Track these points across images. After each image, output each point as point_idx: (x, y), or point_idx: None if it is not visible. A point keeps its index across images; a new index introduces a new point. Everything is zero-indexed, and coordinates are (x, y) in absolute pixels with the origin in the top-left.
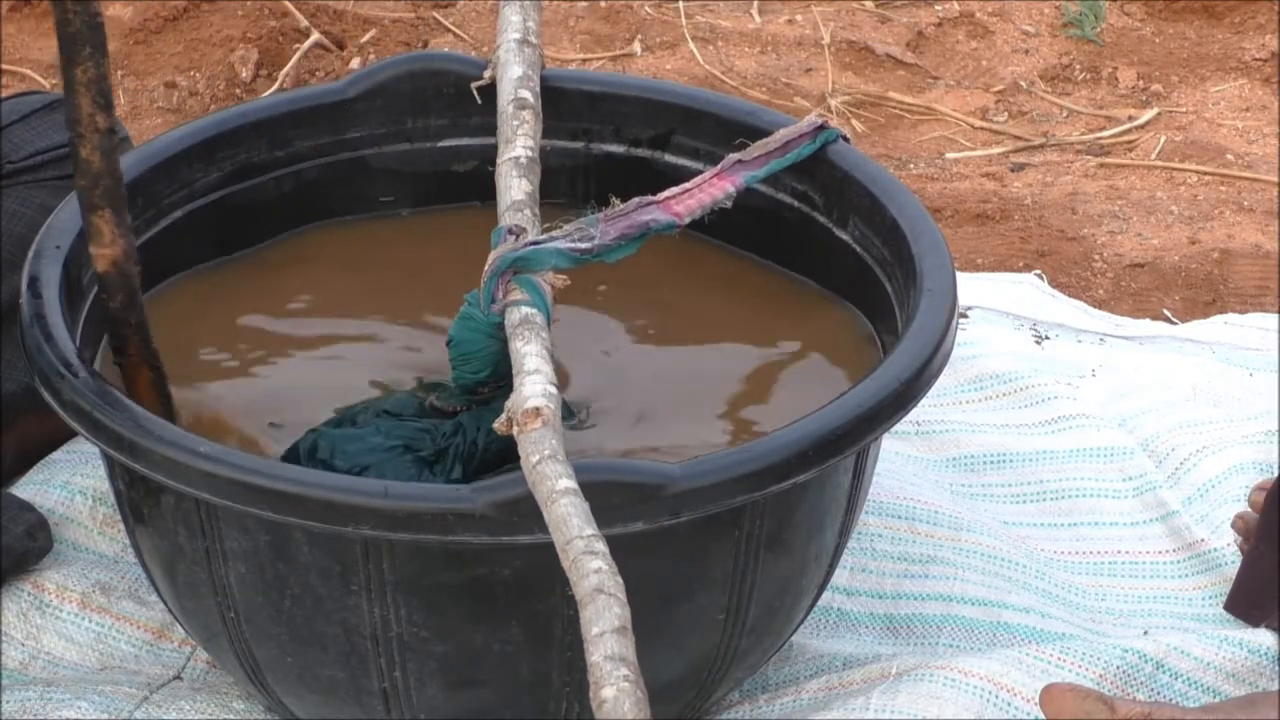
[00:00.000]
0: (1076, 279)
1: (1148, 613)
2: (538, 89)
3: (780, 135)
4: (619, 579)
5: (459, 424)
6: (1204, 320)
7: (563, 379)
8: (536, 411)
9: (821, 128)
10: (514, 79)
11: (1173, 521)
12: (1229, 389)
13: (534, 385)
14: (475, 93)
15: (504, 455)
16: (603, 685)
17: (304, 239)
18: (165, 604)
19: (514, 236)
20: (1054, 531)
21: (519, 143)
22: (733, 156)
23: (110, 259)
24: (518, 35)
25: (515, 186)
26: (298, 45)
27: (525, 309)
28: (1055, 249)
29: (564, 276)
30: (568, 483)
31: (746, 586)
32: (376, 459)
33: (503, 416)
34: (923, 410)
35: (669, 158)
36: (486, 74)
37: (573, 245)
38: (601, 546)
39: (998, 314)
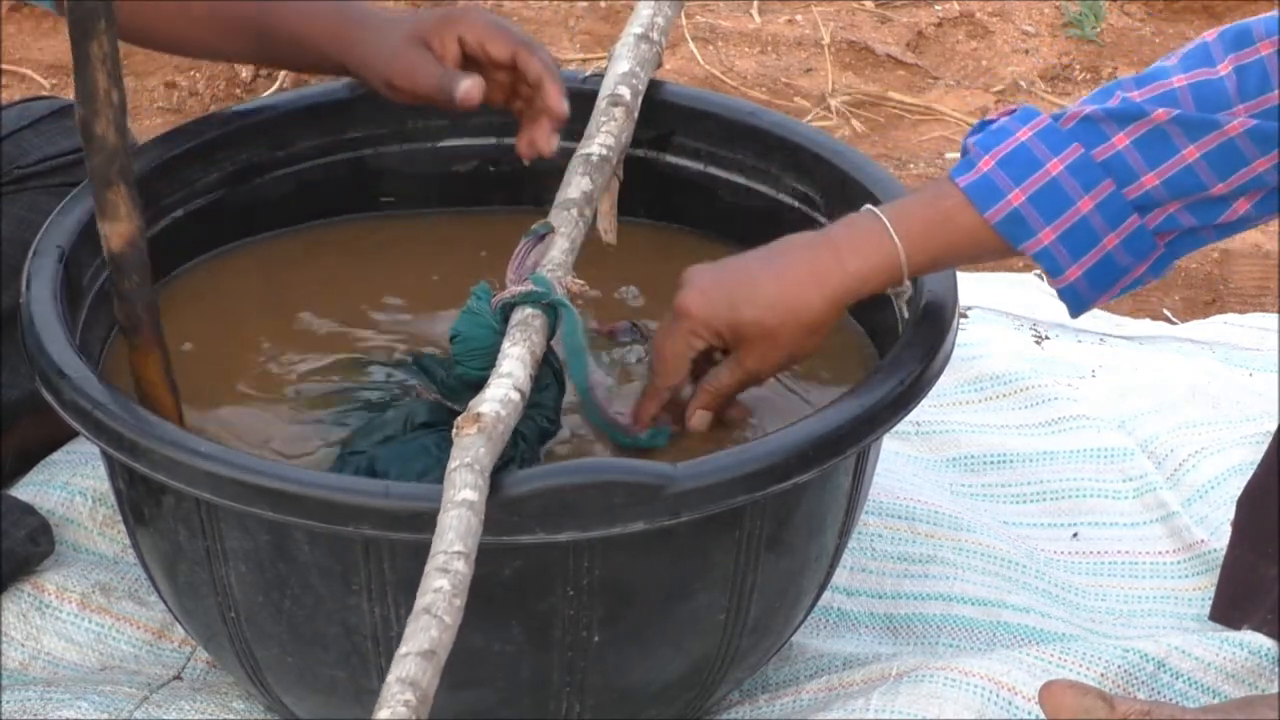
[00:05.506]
0: None
1: (1148, 613)
2: (641, 87)
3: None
4: (457, 602)
5: (517, 432)
6: (1204, 320)
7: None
8: (476, 417)
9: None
10: (618, 74)
11: (1172, 522)
12: (1228, 390)
13: (495, 389)
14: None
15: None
16: (381, 707)
17: (304, 237)
18: (165, 604)
19: (540, 241)
20: (1054, 531)
21: (598, 139)
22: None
23: (125, 236)
24: (639, 30)
25: (574, 184)
26: None
27: (528, 309)
28: None
29: (582, 282)
30: (469, 494)
31: (747, 587)
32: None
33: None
34: (923, 410)
35: (669, 158)
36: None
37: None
38: (459, 566)
39: (998, 314)
